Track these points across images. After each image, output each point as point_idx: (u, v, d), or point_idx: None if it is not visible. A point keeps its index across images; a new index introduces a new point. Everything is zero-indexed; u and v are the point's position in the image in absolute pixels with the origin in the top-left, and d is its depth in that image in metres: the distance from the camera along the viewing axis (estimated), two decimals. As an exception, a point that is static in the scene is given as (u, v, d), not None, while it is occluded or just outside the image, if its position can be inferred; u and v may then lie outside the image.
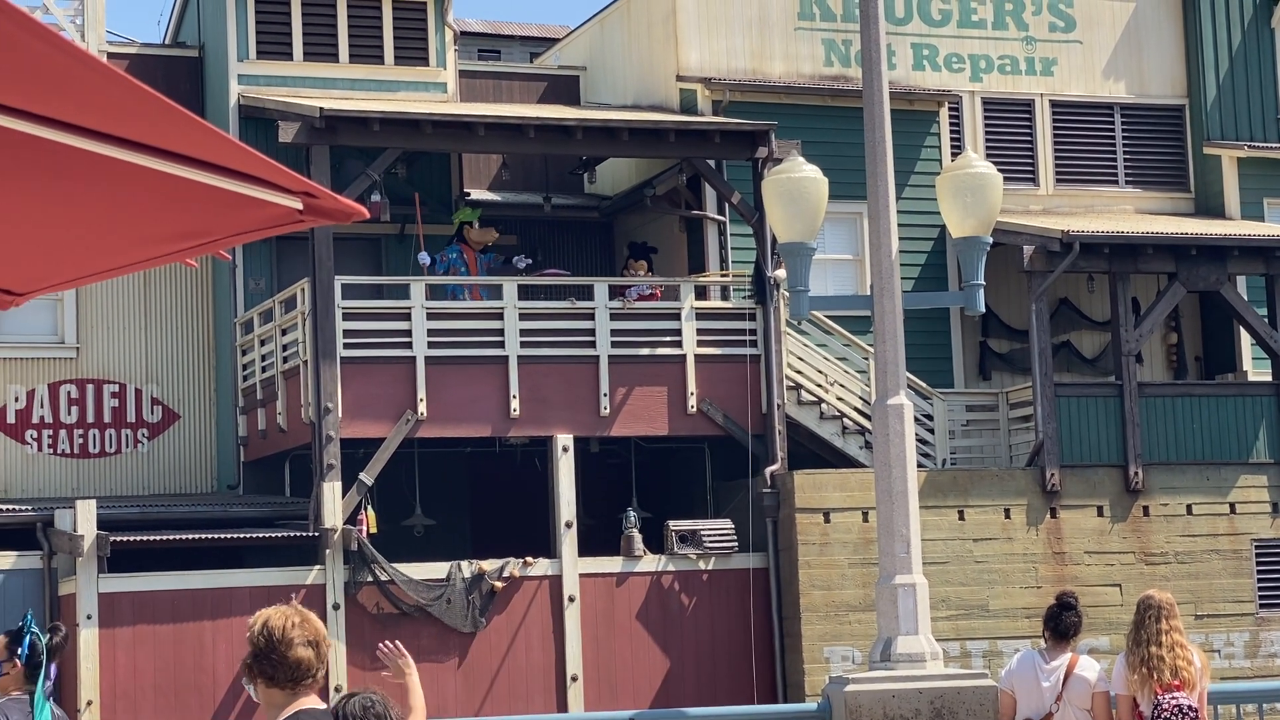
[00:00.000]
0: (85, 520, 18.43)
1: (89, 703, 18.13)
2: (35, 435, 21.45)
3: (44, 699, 8.50)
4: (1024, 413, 21.77)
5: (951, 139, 23.20)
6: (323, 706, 4.27)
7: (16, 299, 3.81)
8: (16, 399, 21.44)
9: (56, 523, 18.89)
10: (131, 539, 18.66)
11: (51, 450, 21.49)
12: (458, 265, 20.94)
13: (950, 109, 23.39)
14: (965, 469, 21.17)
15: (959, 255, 12.73)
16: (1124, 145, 24.46)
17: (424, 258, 20.73)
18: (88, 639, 18.20)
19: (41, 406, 21.52)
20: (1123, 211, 24.15)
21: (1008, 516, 20.68)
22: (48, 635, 8.57)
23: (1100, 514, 21.05)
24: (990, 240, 12.49)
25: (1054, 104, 24.14)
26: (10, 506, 19.81)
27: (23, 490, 21.12)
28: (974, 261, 12.31)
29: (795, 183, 12.66)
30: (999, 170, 12.79)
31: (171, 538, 19.09)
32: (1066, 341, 23.44)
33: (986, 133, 23.76)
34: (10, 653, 8.50)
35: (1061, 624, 10.69)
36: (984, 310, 12.85)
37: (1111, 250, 21.45)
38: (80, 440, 21.63)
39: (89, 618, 18.22)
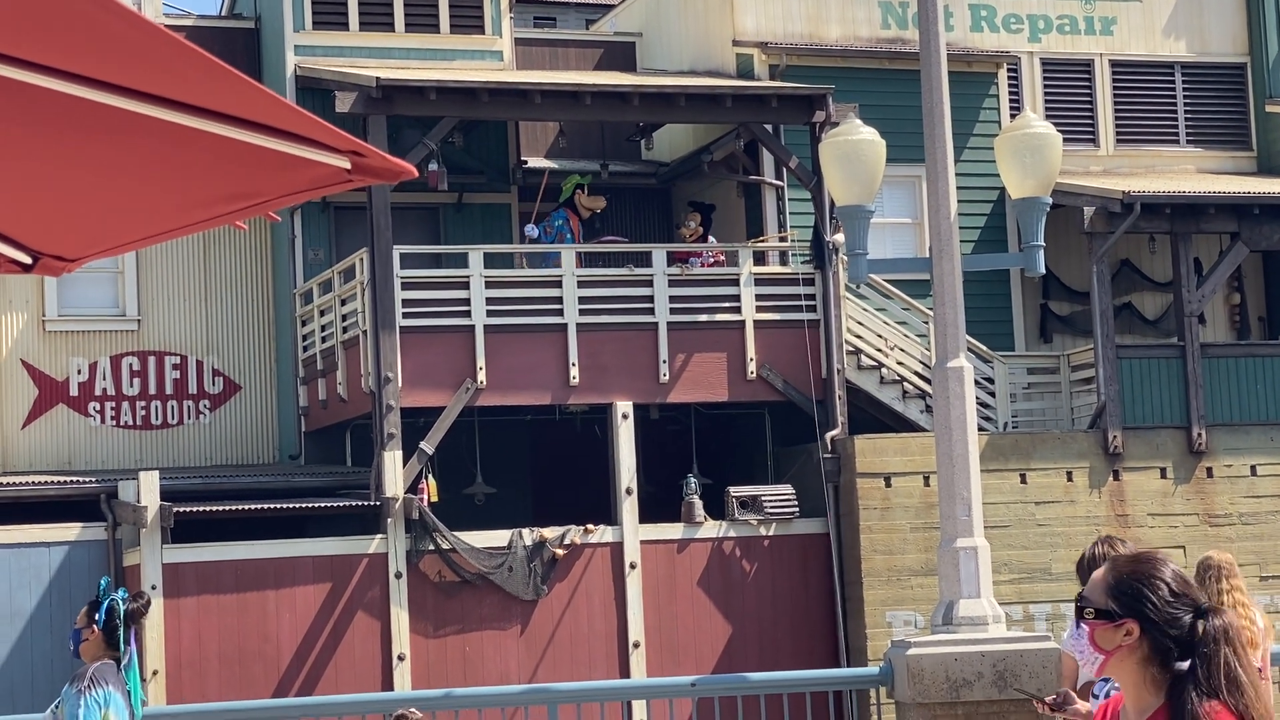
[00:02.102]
0: (148, 491, 18.56)
1: (154, 672, 18.27)
2: (98, 407, 21.61)
3: (132, 666, 8.60)
4: (1085, 375, 21.63)
5: (1010, 100, 23.02)
6: None
7: (69, 265, 3.81)
8: (79, 371, 21.60)
9: (120, 494, 19.03)
10: (194, 510, 18.79)
11: (114, 422, 21.64)
12: (564, 232, 21.01)
13: (1009, 70, 23.21)
14: (1027, 432, 21.05)
15: (1018, 217, 12.62)
16: (1185, 104, 24.22)
17: (531, 230, 20.80)
18: (152, 610, 18.33)
19: (104, 379, 21.67)
20: (1184, 171, 23.92)
21: (1070, 479, 20.56)
22: (130, 601, 8.66)
23: (1163, 476, 20.91)
24: (1050, 201, 12.37)
25: (1114, 64, 23.92)
26: (74, 478, 19.98)
27: (86, 462, 21.28)
28: (1034, 223, 12.19)
29: (853, 146, 12.57)
30: (1058, 131, 12.67)
31: (234, 508, 19.21)
32: (1128, 303, 23.26)
33: (1045, 93, 23.57)
34: (90, 619, 8.63)
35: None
36: (1044, 272, 12.74)
37: (1173, 210, 21.26)
38: (142, 412, 21.77)
39: (153, 588, 18.36)
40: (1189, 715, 3.39)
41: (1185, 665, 3.45)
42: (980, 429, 19.40)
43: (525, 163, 22.63)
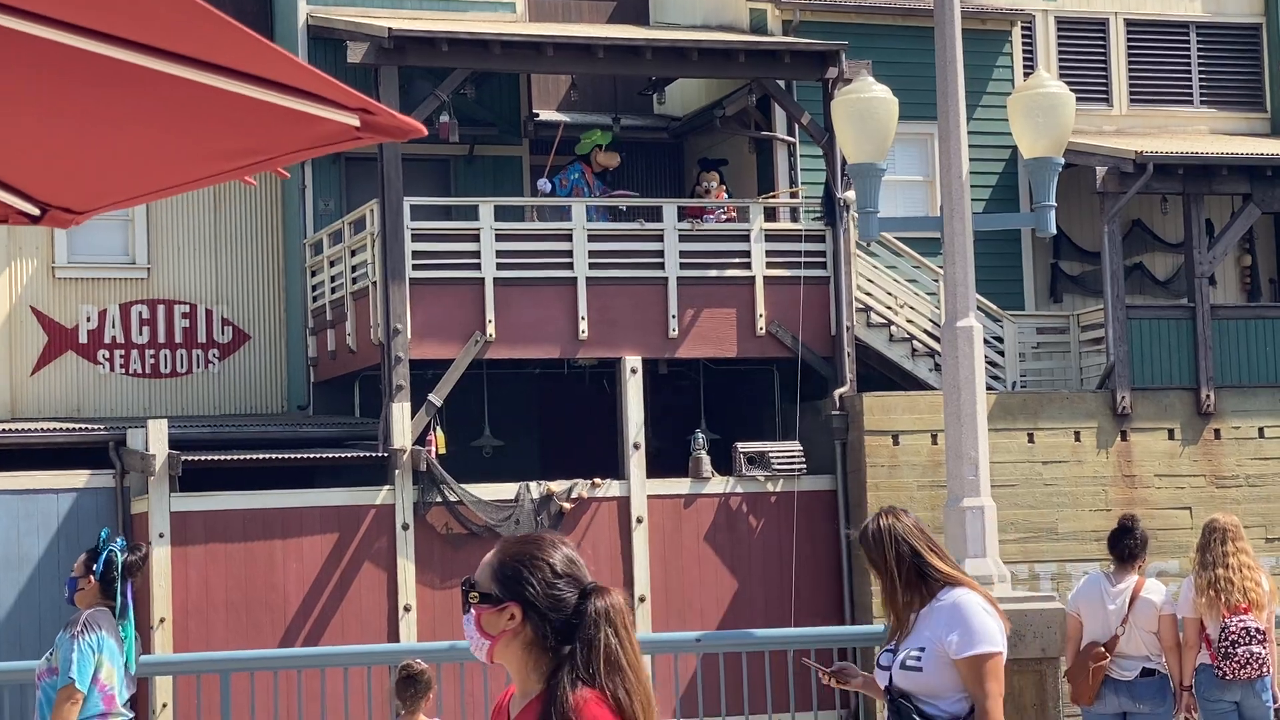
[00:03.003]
0: (157, 440, 18.60)
1: (161, 620, 18.35)
2: (107, 355, 21.64)
3: (126, 615, 8.66)
4: (1095, 335, 21.61)
5: (1024, 59, 22.93)
6: None
7: (76, 217, 3.82)
8: (89, 319, 21.62)
9: (129, 442, 19.08)
10: (203, 458, 18.84)
11: (123, 370, 21.68)
12: (580, 185, 20.98)
13: (1023, 28, 23.10)
14: (1035, 391, 21.05)
15: (1030, 176, 12.59)
16: (1199, 65, 24.11)
17: (544, 184, 20.76)
18: (160, 557, 18.40)
19: (113, 327, 21.69)
20: (1197, 132, 23.83)
21: (1078, 439, 20.56)
22: (127, 553, 8.71)
23: (1171, 437, 20.91)
24: (1062, 161, 12.33)
25: (1128, 23, 23.80)
26: (83, 426, 20.02)
27: (95, 410, 21.32)
28: (1045, 182, 12.16)
29: (865, 103, 12.53)
30: (1072, 90, 12.62)
31: (242, 457, 19.25)
32: (1139, 263, 23.21)
33: (1060, 52, 23.47)
34: (87, 568, 8.68)
35: (1118, 546, 10.65)
36: (1055, 232, 12.71)
37: (1185, 171, 21.20)
38: (151, 360, 21.80)
39: (161, 536, 18.42)
40: (558, 702, 3.26)
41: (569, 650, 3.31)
42: (989, 388, 19.39)
43: (537, 115, 22.57)
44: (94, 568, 8.67)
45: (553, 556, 3.41)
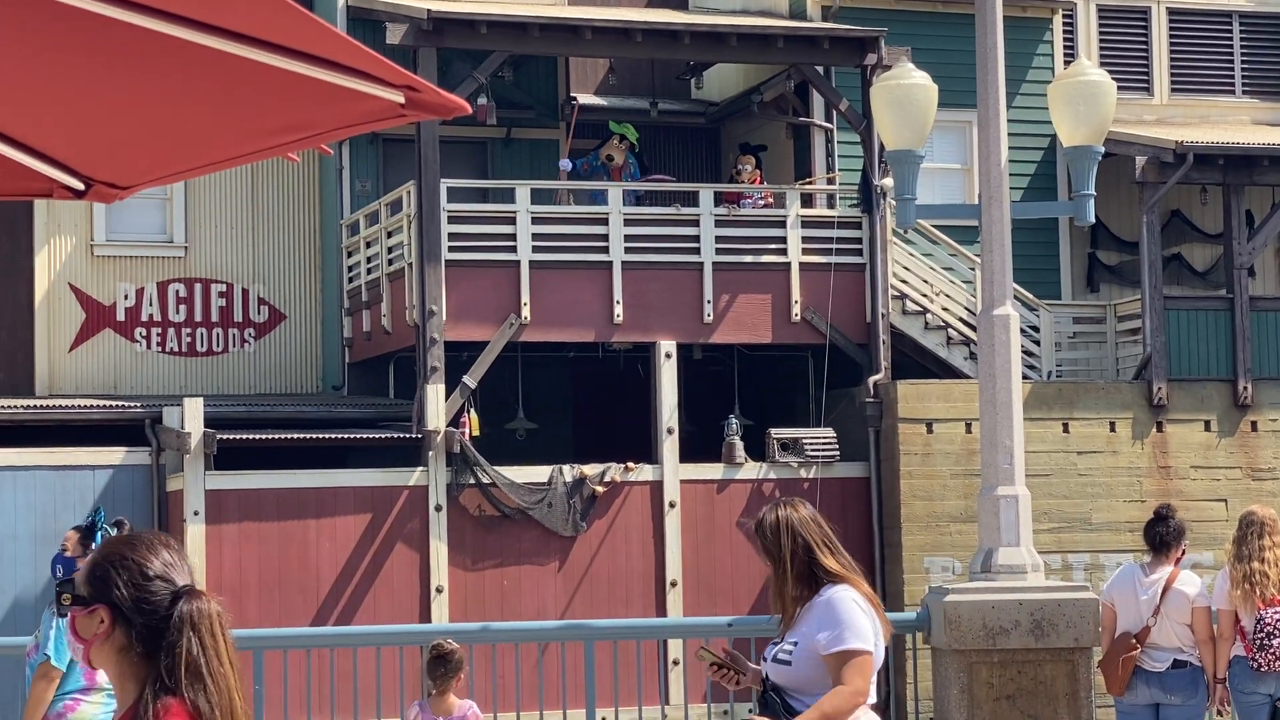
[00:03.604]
0: (193, 418, 18.67)
1: (196, 597, 18.41)
2: (144, 333, 21.72)
3: None
4: (1132, 325, 21.52)
5: (1065, 47, 22.82)
6: None
7: (120, 192, 3.83)
8: (126, 297, 21.70)
9: (165, 420, 19.15)
10: (238, 437, 18.90)
11: (160, 348, 21.76)
12: (600, 172, 20.97)
13: (1064, 16, 22.99)
14: (1071, 381, 20.98)
15: (1069, 165, 12.54)
16: (1242, 54, 23.96)
17: (565, 164, 20.75)
18: (194, 535, 18.48)
19: (150, 305, 21.77)
20: (1239, 122, 23.69)
21: (1113, 430, 20.49)
22: (115, 529, 8.77)
23: (1207, 428, 20.81)
24: (1102, 150, 12.29)
25: (1171, 11, 23.66)
26: (119, 403, 20.11)
27: (131, 387, 21.41)
28: (1085, 171, 12.11)
29: (904, 90, 12.49)
30: (1112, 79, 12.56)
31: (277, 437, 19.31)
32: (1177, 254, 23.10)
33: (1101, 40, 23.35)
34: (84, 547, 8.71)
35: (1152, 536, 10.61)
36: (1094, 221, 12.66)
37: (1226, 162, 21.08)
38: (188, 339, 21.88)
39: (196, 514, 18.50)
40: (142, 711, 3.14)
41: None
42: (1024, 377, 19.33)
43: (575, 99, 22.57)
44: (91, 546, 8.71)
45: (147, 557, 3.23)
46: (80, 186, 3.79)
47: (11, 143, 3.66)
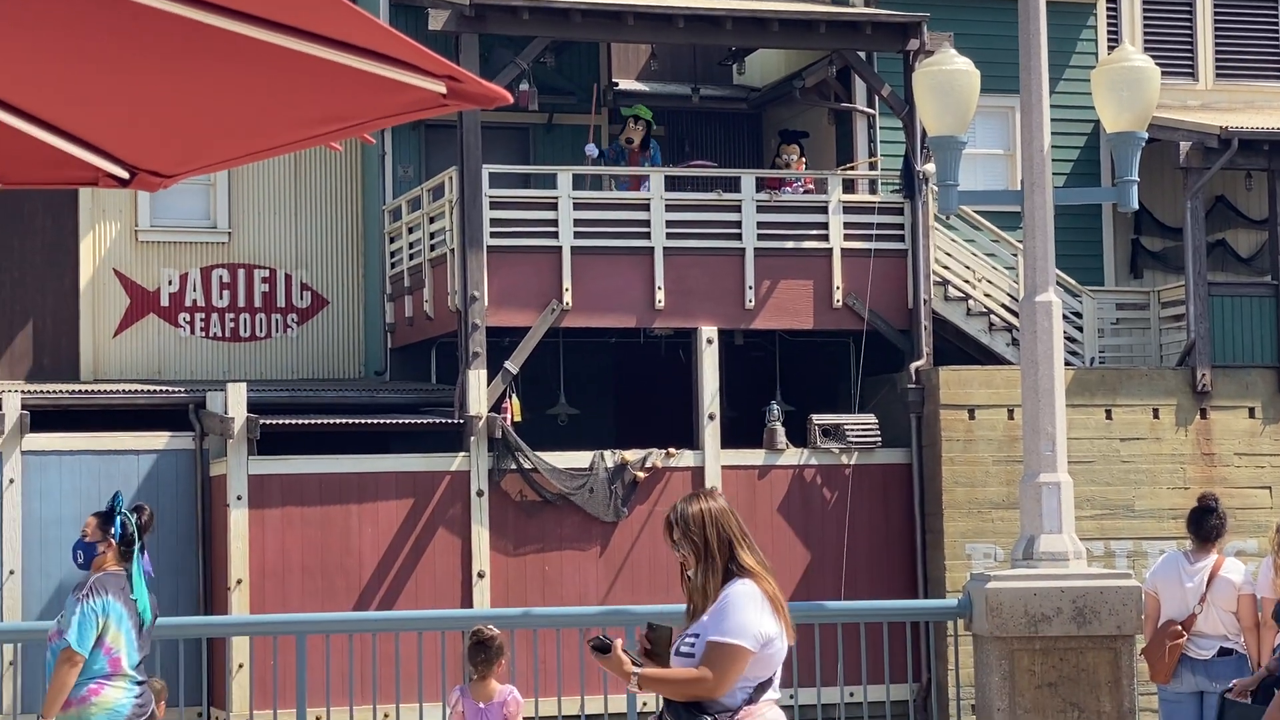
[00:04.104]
0: (236, 403, 18.75)
1: (238, 581, 18.52)
2: (188, 318, 21.83)
3: (141, 577, 8.74)
4: (1176, 312, 21.41)
5: (1108, 32, 22.70)
6: None
7: (165, 180, 3.85)
8: (170, 282, 21.81)
9: (208, 405, 19.25)
10: (281, 422, 18.98)
11: (204, 333, 21.86)
12: (622, 158, 20.96)
13: (1108, 1, 22.87)
14: (1114, 368, 20.90)
15: (1113, 150, 12.48)
16: (1288, 39, 23.78)
17: (591, 149, 20.73)
18: (238, 519, 18.57)
19: (194, 290, 21.88)
20: (1284, 107, 23.52)
21: (1156, 416, 20.40)
22: (134, 515, 8.79)
23: (1251, 415, 20.70)
24: (1146, 136, 12.22)
25: (1215, -5, 23.50)
26: (163, 388, 20.22)
27: (175, 372, 21.53)
28: (1128, 157, 12.05)
29: (947, 75, 12.45)
30: (1156, 64, 12.49)
31: (319, 422, 19.38)
32: (1221, 240, 22.96)
33: (1145, 25, 23.21)
34: (104, 532, 8.73)
35: (1203, 528, 10.57)
36: (1137, 207, 12.60)
37: (1271, 147, 20.95)
38: (231, 324, 21.98)
39: (239, 498, 18.59)
40: None
41: None
42: (1067, 364, 19.25)
43: (616, 84, 22.56)
44: (111, 531, 8.72)
45: None
46: (125, 175, 3.82)
47: (58, 132, 3.69)
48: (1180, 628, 10.41)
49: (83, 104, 3.52)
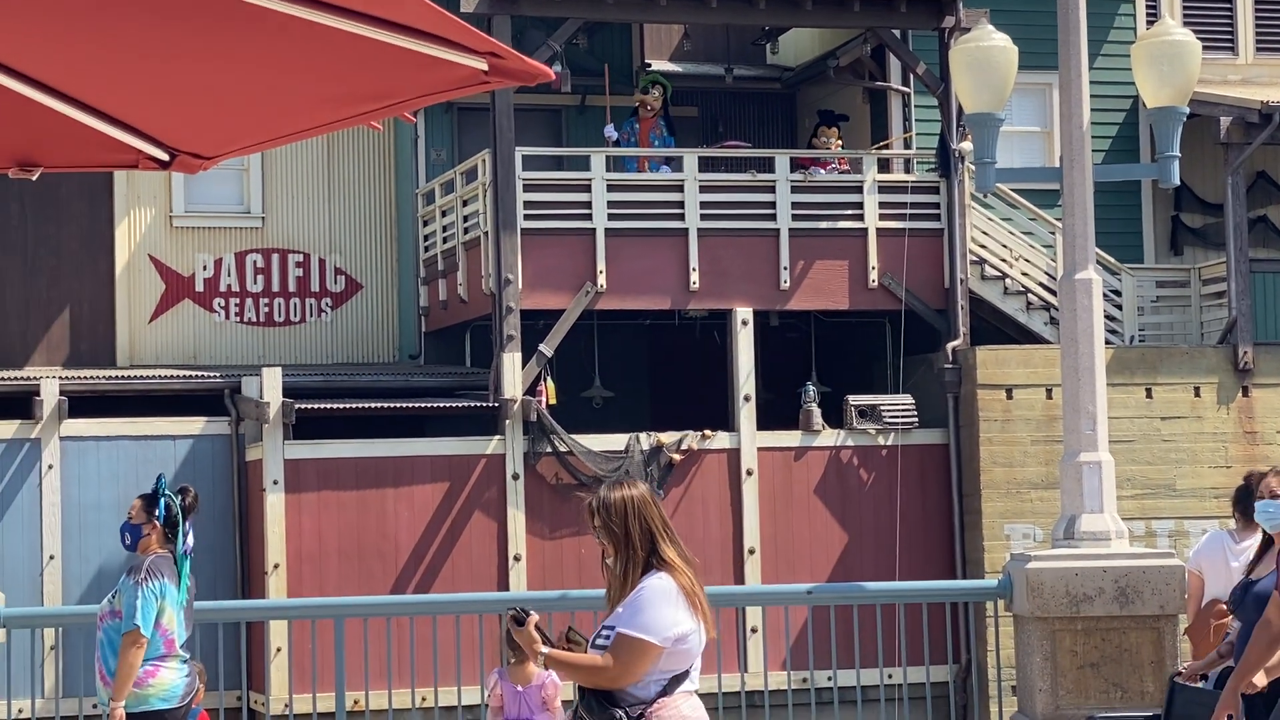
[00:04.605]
0: (271, 387, 18.76)
1: (275, 565, 18.54)
2: (223, 303, 21.85)
3: (185, 558, 8.92)
4: (1217, 289, 21.26)
5: (1147, 6, 22.52)
6: None
7: (205, 162, 3.82)
8: (205, 267, 21.83)
9: (243, 390, 19.27)
10: (316, 406, 18.98)
11: (238, 318, 21.88)
12: (630, 131, 20.84)
13: (1146, -25, 22.69)
14: (1154, 346, 20.76)
15: (1153, 126, 12.37)
16: (1328, 13, 23.56)
17: (610, 132, 20.64)
18: (274, 504, 18.59)
19: (228, 275, 21.90)
20: (1324, 82, 23.32)
21: (1197, 395, 20.26)
22: (179, 497, 8.93)
23: (1293, 393, 20.55)
24: (1187, 111, 12.11)
25: (1255, -32, 23.31)
26: (199, 373, 20.25)
27: (210, 357, 21.55)
28: (1169, 133, 11.95)
29: (983, 52, 12.36)
30: (1197, 38, 12.37)
31: (355, 406, 19.38)
32: (1263, 216, 22.78)
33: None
34: (149, 514, 8.86)
35: (1249, 506, 10.47)
36: (1179, 183, 12.48)
37: (1312, 122, 20.76)
38: (266, 309, 21.99)
39: (275, 483, 18.60)
40: None
41: None
42: (1106, 342, 19.13)
43: (649, 65, 22.48)
44: (156, 513, 8.87)
45: None
46: (165, 157, 3.78)
47: (98, 114, 3.65)
48: (1225, 606, 10.32)
49: (122, 86, 3.49)
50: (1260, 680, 7.82)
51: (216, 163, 3.87)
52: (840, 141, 21.18)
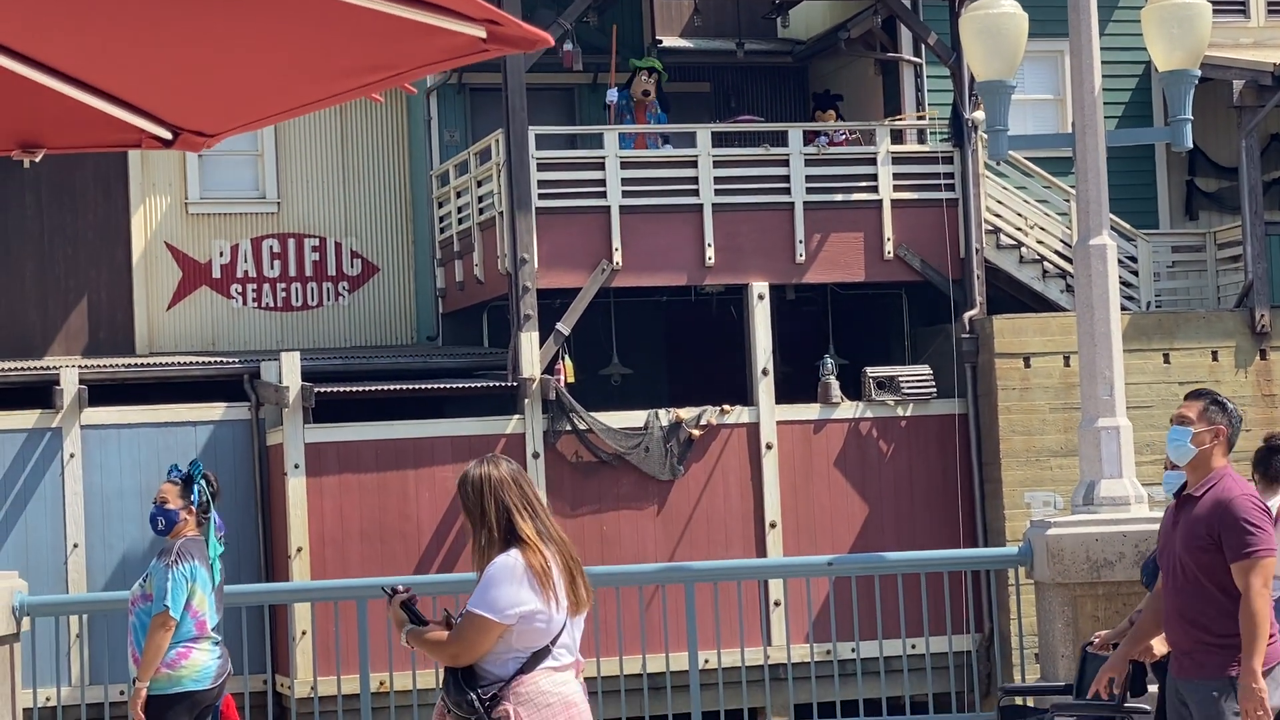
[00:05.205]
0: (290, 372, 18.80)
1: (298, 549, 18.60)
2: (240, 289, 21.90)
3: (217, 543, 9.02)
4: (1232, 253, 21.20)
5: (1157, -29, 22.41)
6: None
7: (209, 140, 3.83)
8: (221, 254, 21.88)
9: (263, 375, 19.31)
10: (335, 390, 19.02)
11: (256, 304, 21.93)
12: (625, 112, 20.77)
13: (1155, -60, 22.58)
14: (1170, 311, 20.72)
15: (1165, 90, 12.33)
16: (1340, -27, 23.46)
17: (612, 94, 20.57)
18: (295, 488, 18.64)
19: (245, 261, 21.94)
20: (1338, 43, 23.21)
21: (1215, 359, 20.22)
22: (204, 482, 9.05)
23: (1312, 355, 20.49)
24: (1198, 74, 12.07)
25: (1265, -69, 23.20)
26: (218, 359, 20.30)
27: (229, 343, 21.61)
28: (1181, 96, 11.90)
29: (994, 19, 12.32)
30: (1207, 1, 12.32)
31: (374, 389, 19.42)
32: (1277, 178, 22.71)
33: (1193, -36, 22.91)
34: (185, 499, 8.95)
35: (1271, 467, 10.45)
36: (1191, 147, 12.44)
37: (1325, 84, 20.68)
38: (283, 294, 22.03)
39: (296, 467, 18.65)
40: None
41: None
42: (1123, 308, 19.10)
43: (660, 41, 22.45)
44: (191, 498, 8.96)
45: None
46: (168, 136, 3.79)
47: (100, 94, 3.66)
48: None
49: (122, 65, 3.50)
50: (1160, 648, 7.72)
51: (219, 140, 3.88)
52: (840, 121, 21.14)
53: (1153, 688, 7.96)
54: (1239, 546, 7.02)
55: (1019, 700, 10.11)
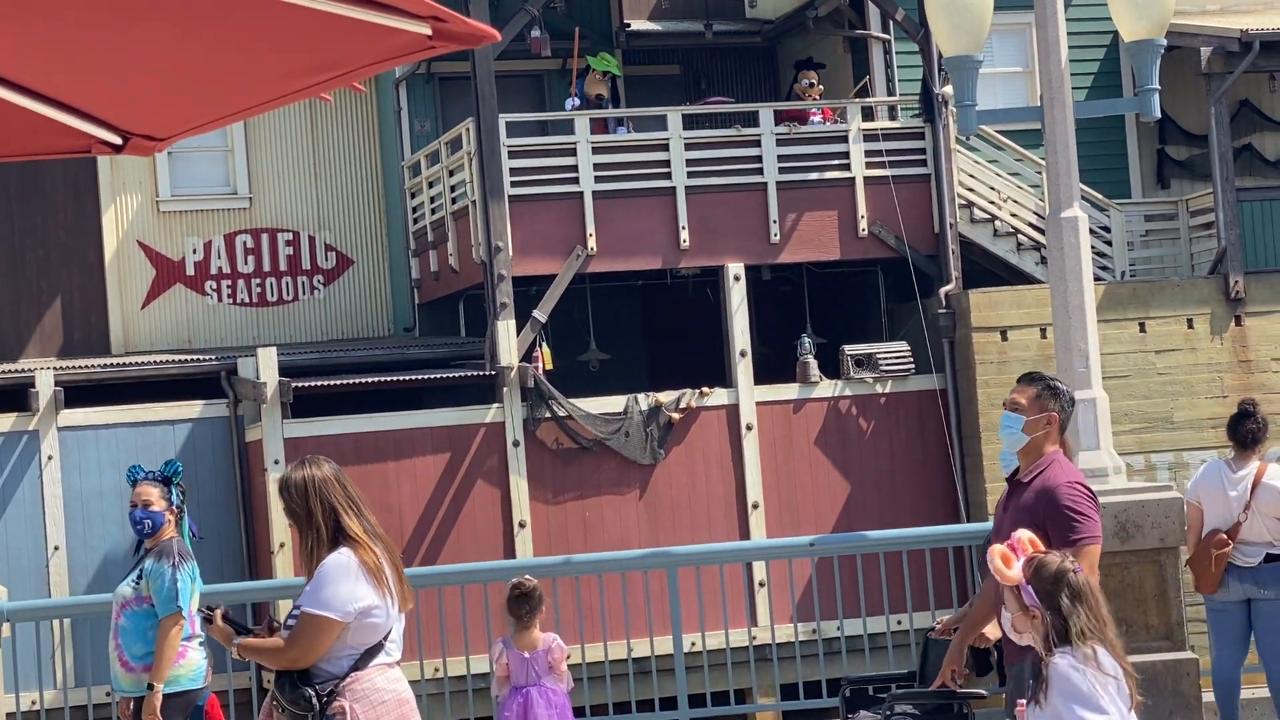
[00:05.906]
0: (267, 367, 18.76)
1: (281, 545, 18.57)
2: (214, 286, 21.83)
3: (190, 542, 9.09)
4: (1205, 220, 21.23)
5: (1122, -60, 22.41)
6: None
7: (158, 144, 3.79)
8: (194, 251, 21.80)
9: (240, 371, 19.26)
10: (313, 384, 18.98)
11: (231, 300, 21.86)
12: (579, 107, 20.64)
13: (1120, -91, 22.58)
14: (1145, 280, 20.74)
15: (1132, 60, 12.31)
16: (1305, -63, 23.48)
17: (571, 102, 20.48)
18: (276, 484, 18.58)
19: (219, 257, 21.87)
20: (1305, 7, 23.24)
21: (1190, 326, 20.25)
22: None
23: (1287, 320, 20.54)
24: (1165, 43, 12.05)
25: (1229, -103, 23.21)
26: (194, 357, 20.24)
27: (205, 340, 21.54)
28: (1148, 65, 11.88)
29: (959, -7, 12.28)
30: (1172, -32, 12.30)
31: (351, 382, 19.38)
32: (1248, 144, 22.73)
33: (1159, -68, 22.91)
34: (168, 501, 8.97)
35: (1240, 432, 10.48)
36: (1160, 116, 12.43)
37: (1293, 48, 20.69)
38: (258, 289, 21.97)
39: (276, 463, 18.61)
40: None
41: None
42: (1097, 278, 19.12)
43: (628, 25, 22.40)
44: (172, 498, 8.98)
45: None
46: (118, 141, 3.76)
47: (47, 100, 3.63)
48: (1226, 536, 10.34)
49: (68, 70, 3.47)
50: (993, 633, 7.68)
51: (169, 144, 3.85)
52: (820, 88, 21.12)
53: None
54: (1065, 534, 6.97)
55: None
